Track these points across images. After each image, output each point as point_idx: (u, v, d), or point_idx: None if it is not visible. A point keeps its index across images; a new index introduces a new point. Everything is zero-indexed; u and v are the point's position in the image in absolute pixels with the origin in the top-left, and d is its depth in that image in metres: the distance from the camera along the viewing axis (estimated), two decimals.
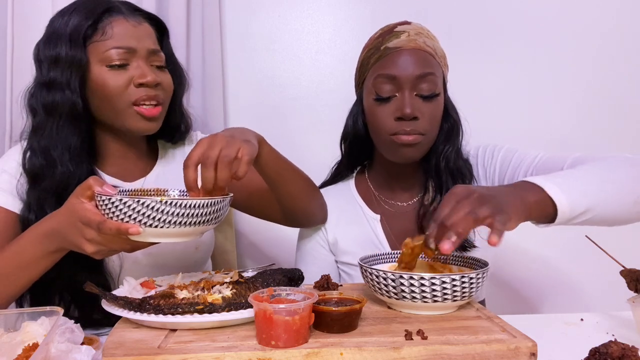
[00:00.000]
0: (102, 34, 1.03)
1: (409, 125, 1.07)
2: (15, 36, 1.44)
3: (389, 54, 1.10)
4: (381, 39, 1.13)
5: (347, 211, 1.23)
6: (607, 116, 1.73)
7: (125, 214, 0.76)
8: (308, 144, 1.71)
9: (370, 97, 1.12)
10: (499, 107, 1.69)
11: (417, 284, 0.75)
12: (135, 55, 1.05)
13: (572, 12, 1.71)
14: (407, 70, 1.07)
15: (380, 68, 1.11)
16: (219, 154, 0.82)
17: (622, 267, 0.92)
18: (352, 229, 1.21)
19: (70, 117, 1.03)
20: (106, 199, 0.77)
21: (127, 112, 1.04)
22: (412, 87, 1.08)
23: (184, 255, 1.16)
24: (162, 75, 1.09)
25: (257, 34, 1.70)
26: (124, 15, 1.06)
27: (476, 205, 0.77)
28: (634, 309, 0.87)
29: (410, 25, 1.14)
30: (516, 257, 1.70)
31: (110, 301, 0.78)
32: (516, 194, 0.83)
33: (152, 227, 0.76)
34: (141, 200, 0.75)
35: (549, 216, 0.84)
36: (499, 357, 0.66)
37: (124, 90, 1.03)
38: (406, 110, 1.06)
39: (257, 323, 0.68)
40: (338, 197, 1.24)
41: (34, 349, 0.68)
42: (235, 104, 1.70)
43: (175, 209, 0.76)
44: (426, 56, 1.10)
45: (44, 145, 1.03)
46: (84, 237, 0.82)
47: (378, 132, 1.12)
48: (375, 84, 1.10)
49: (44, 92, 1.04)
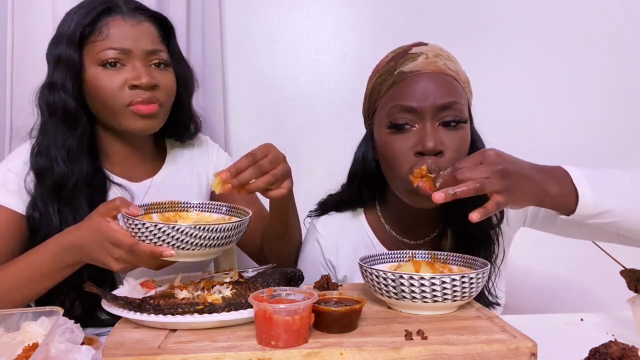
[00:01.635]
0: (98, 34, 1.02)
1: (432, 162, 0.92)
2: (15, 36, 1.44)
3: (404, 80, 0.95)
4: (394, 63, 0.98)
5: (360, 246, 1.10)
6: (613, 116, 1.73)
7: (159, 238, 0.80)
8: (308, 144, 1.71)
9: (383, 129, 0.97)
10: (500, 107, 1.69)
11: (417, 284, 0.75)
12: (131, 56, 1.03)
13: (577, 12, 1.71)
14: (427, 99, 0.93)
15: (395, 97, 0.96)
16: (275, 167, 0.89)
17: (622, 267, 0.92)
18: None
19: (65, 118, 1.03)
20: (139, 223, 0.80)
21: (124, 113, 1.04)
22: (434, 117, 0.93)
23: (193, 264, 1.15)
24: (161, 75, 1.07)
25: (257, 34, 1.70)
26: (123, 15, 1.05)
27: (492, 176, 0.78)
28: (634, 309, 0.87)
29: (427, 45, 1.00)
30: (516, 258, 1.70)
31: (110, 301, 0.78)
32: (541, 179, 0.83)
33: (184, 249, 0.80)
34: (175, 226, 0.79)
35: (569, 209, 0.85)
36: (499, 357, 0.66)
37: (118, 92, 1.02)
38: (428, 144, 0.91)
39: (257, 323, 0.68)
40: (348, 228, 1.12)
41: (34, 349, 0.68)
42: (235, 104, 1.70)
43: (207, 234, 0.80)
44: (449, 80, 0.96)
45: (46, 144, 1.04)
46: (111, 255, 0.85)
47: (393, 169, 0.97)
48: (390, 114, 0.95)
49: (47, 92, 1.05)
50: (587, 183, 0.84)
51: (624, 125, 1.73)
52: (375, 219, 1.12)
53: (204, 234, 0.79)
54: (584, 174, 0.85)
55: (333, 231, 1.12)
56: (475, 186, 0.77)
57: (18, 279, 0.93)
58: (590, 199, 0.83)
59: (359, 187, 1.09)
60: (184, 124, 1.19)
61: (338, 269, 1.11)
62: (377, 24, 1.71)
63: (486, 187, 0.77)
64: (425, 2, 1.69)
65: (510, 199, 0.79)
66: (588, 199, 0.83)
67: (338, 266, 1.11)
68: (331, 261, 1.11)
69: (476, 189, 0.77)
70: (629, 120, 1.73)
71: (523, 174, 0.82)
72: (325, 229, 1.12)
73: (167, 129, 1.14)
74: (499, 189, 0.78)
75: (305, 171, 1.72)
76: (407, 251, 0.95)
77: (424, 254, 0.93)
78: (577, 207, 0.84)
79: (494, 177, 0.78)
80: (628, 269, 0.92)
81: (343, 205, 1.13)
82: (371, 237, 1.11)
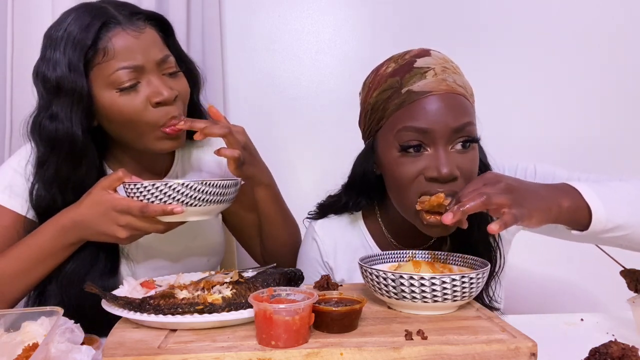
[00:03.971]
0: (103, 54, 0.93)
1: (445, 188, 0.89)
2: (15, 36, 1.44)
3: (415, 101, 0.90)
4: (399, 78, 0.93)
5: (358, 249, 1.09)
6: (613, 116, 1.73)
7: (169, 195, 0.86)
8: (308, 144, 1.72)
9: (392, 150, 0.93)
10: (501, 108, 1.68)
11: (417, 284, 0.75)
12: (144, 72, 0.96)
13: (577, 12, 1.71)
14: (441, 122, 0.89)
15: (404, 118, 0.91)
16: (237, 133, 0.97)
17: (622, 267, 0.92)
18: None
19: (72, 152, 0.95)
20: (149, 184, 0.86)
21: (152, 135, 0.98)
22: (448, 141, 0.90)
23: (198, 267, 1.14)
24: (177, 83, 1.01)
25: (257, 34, 1.70)
26: (122, 25, 0.95)
27: (497, 191, 0.77)
28: (634, 309, 0.87)
29: (430, 57, 0.94)
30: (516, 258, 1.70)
31: (110, 301, 0.78)
32: (550, 195, 0.82)
33: (193, 206, 0.88)
34: (185, 182, 0.86)
35: (582, 223, 0.83)
36: (499, 357, 0.66)
37: (143, 112, 0.95)
38: (443, 170, 0.87)
39: (257, 323, 0.68)
40: (346, 231, 1.11)
41: (34, 349, 0.68)
42: (235, 104, 1.70)
43: (213, 189, 0.89)
44: (461, 100, 0.92)
45: (48, 180, 0.97)
46: (117, 224, 0.88)
47: (401, 192, 0.94)
48: (400, 137, 0.91)
49: (47, 122, 0.95)
50: (597, 197, 0.82)
51: (624, 126, 1.73)
52: (374, 224, 1.11)
53: (211, 189, 0.88)
54: (593, 189, 0.84)
55: (331, 234, 1.11)
56: (482, 199, 0.76)
57: (20, 263, 0.93)
58: (603, 214, 0.82)
59: (357, 195, 1.08)
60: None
61: (336, 272, 1.11)
62: (377, 24, 1.71)
63: (492, 199, 0.76)
64: (425, 2, 1.69)
65: (524, 213, 0.77)
66: (601, 213, 0.82)
67: (336, 268, 1.10)
68: (329, 263, 1.11)
69: (483, 201, 0.76)
70: (630, 121, 1.73)
71: (528, 189, 0.81)
72: (323, 231, 1.12)
73: None
74: (507, 202, 0.76)
75: (305, 171, 1.73)
76: (407, 251, 0.95)
77: (424, 254, 0.93)
78: (590, 222, 0.82)
79: (497, 193, 0.77)
80: (628, 269, 0.92)
81: (341, 208, 1.11)
82: (369, 241, 1.10)
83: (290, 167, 1.70)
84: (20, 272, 0.93)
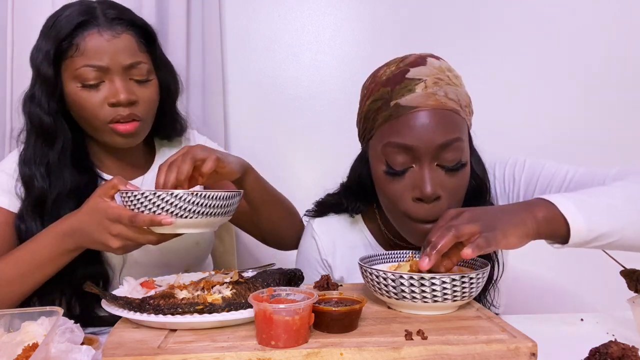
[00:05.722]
0: (75, 49, 1.01)
1: (431, 209, 0.89)
2: (15, 36, 1.44)
3: (401, 116, 0.89)
4: (389, 89, 0.91)
5: (357, 247, 1.10)
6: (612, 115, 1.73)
7: (159, 206, 0.82)
8: (308, 144, 1.72)
9: (380, 166, 0.93)
10: (499, 107, 1.69)
11: (417, 284, 0.75)
12: (109, 73, 1.02)
13: (577, 12, 1.71)
14: (426, 138, 0.88)
15: (390, 133, 0.90)
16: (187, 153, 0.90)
17: (622, 267, 0.92)
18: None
19: (43, 133, 1.04)
20: (138, 194, 0.83)
21: (104, 129, 1.04)
22: (433, 158, 0.89)
23: (185, 251, 1.17)
24: (141, 90, 1.05)
25: (257, 34, 1.70)
26: (99, 28, 1.01)
27: (463, 222, 0.77)
28: (634, 309, 0.87)
29: (425, 66, 0.91)
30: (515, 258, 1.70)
31: (110, 301, 0.78)
32: (521, 209, 0.80)
33: (183, 217, 0.83)
34: (174, 192, 0.82)
35: (562, 235, 0.80)
36: (499, 357, 0.66)
37: (98, 110, 1.02)
38: (426, 190, 0.88)
39: (257, 323, 0.68)
40: (345, 229, 1.11)
41: (34, 349, 0.68)
42: (235, 104, 1.70)
43: (204, 200, 0.83)
44: (449, 116, 0.90)
45: (28, 156, 1.05)
46: (109, 233, 0.86)
47: (390, 210, 0.96)
48: (386, 152, 0.91)
49: (28, 103, 1.05)
50: (574, 207, 0.79)
51: (624, 125, 1.73)
52: (374, 222, 1.12)
53: (201, 200, 0.83)
54: (568, 198, 0.81)
55: (330, 232, 1.12)
56: (451, 232, 0.75)
57: (18, 267, 0.93)
58: (582, 224, 0.78)
59: (356, 200, 1.08)
60: (169, 127, 1.20)
61: (335, 269, 1.11)
62: (377, 24, 1.71)
63: (461, 230, 0.75)
64: (425, 2, 1.69)
65: (497, 234, 0.75)
66: (579, 223, 0.78)
67: (335, 266, 1.11)
68: (327, 261, 1.11)
69: (453, 234, 0.75)
70: (629, 120, 1.73)
71: (495, 211, 0.81)
72: (322, 229, 1.12)
73: (153, 130, 1.14)
74: (476, 229, 0.75)
75: (305, 171, 1.73)
76: (407, 251, 0.95)
77: None
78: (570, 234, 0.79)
79: (462, 224, 0.76)
80: (628, 269, 0.92)
81: (340, 208, 1.12)
82: (370, 239, 1.11)
83: (290, 167, 1.70)
84: (19, 276, 0.93)
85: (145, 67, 1.06)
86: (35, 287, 0.96)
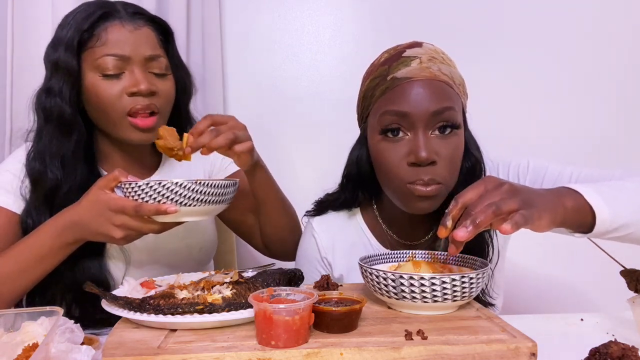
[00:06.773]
0: (97, 40, 1.01)
1: (426, 172, 0.91)
2: (15, 36, 1.44)
3: (397, 86, 0.94)
4: (387, 67, 0.96)
5: (357, 244, 1.10)
6: (614, 116, 1.73)
7: (163, 195, 0.85)
8: (308, 144, 1.71)
9: (376, 136, 0.96)
10: (499, 107, 1.69)
11: (417, 284, 0.75)
12: (130, 63, 1.02)
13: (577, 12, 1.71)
14: (420, 105, 0.91)
15: (387, 103, 0.94)
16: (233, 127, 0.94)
17: (622, 267, 0.92)
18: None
19: (61, 124, 1.03)
20: (143, 184, 0.85)
21: (122, 123, 1.04)
22: (427, 126, 0.92)
23: (188, 256, 1.16)
24: (160, 83, 1.06)
25: (257, 34, 1.70)
26: (121, 20, 1.03)
27: (504, 196, 0.73)
28: (634, 309, 0.87)
29: (421, 47, 0.97)
30: (516, 258, 1.70)
31: (110, 301, 0.78)
32: (553, 197, 0.79)
33: (187, 206, 0.86)
34: (179, 182, 0.85)
35: (586, 225, 0.81)
36: (499, 357, 0.66)
37: (117, 100, 1.02)
38: (421, 154, 0.90)
39: (257, 323, 0.68)
40: (344, 227, 1.12)
41: (34, 349, 0.68)
42: (235, 104, 1.70)
43: (207, 189, 0.87)
44: (442, 87, 0.94)
45: (41, 150, 1.04)
46: (112, 224, 0.87)
47: (388, 178, 0.97)
48: (382, 121, 0.94)
49: (44, 96, 1.04)
50: (599, 198, 0.80)
51: (625, 126, 1.73)
52: (372, 219, 1.12)
53: (204, 189, 0.87)
54: (594, 189, 0.81)
55: (329, 229, 1.12)
56: (492, 209, 0.72)
57: (19, 262, 0.93)
58: (607, 214, 0.80)
59: (354, 188, 1.08)
60: (181, 128, 1.19)
61: (334, 267, 1.11)
62: (377, 24, 1.71)
63: (503, 207, 0.72)
64: (426, 2, 1.69)
65: (534, 213, 0.73)
66: (605, 213, 0.79)
67: (334, 264, 1.11)
68: (327, 259, 1.11)
69: (494, 211, 0.72)
70: (630, 120, 1.73)
71: (532, 191, 0.79)
72: (321, 227, 1.12)
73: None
74: (516, 205, 0.73)
75: (305, 171, 1.73)
76: (407, 251, 0.95)
77: (423, 254, 0.93)
78: (594, 223, 0.80)
79: (504, 198, 0.73)
80: (628, 269, 0.92)
81: (339, 205, 1.12)
82: (368, 235, 1.11)
83: (290, 167, 1.71)
84: (19, 271, 0.94)
85: (164, 62, 1.07)
86: (35, 282, 0.96)
